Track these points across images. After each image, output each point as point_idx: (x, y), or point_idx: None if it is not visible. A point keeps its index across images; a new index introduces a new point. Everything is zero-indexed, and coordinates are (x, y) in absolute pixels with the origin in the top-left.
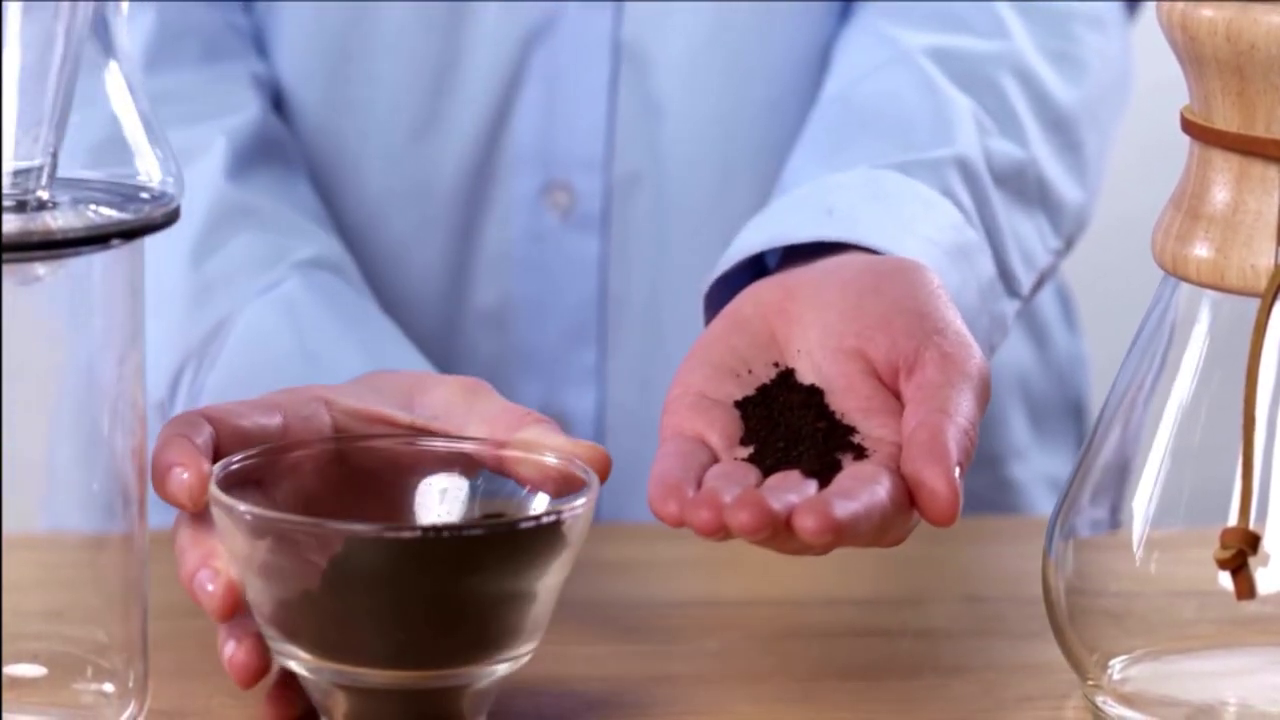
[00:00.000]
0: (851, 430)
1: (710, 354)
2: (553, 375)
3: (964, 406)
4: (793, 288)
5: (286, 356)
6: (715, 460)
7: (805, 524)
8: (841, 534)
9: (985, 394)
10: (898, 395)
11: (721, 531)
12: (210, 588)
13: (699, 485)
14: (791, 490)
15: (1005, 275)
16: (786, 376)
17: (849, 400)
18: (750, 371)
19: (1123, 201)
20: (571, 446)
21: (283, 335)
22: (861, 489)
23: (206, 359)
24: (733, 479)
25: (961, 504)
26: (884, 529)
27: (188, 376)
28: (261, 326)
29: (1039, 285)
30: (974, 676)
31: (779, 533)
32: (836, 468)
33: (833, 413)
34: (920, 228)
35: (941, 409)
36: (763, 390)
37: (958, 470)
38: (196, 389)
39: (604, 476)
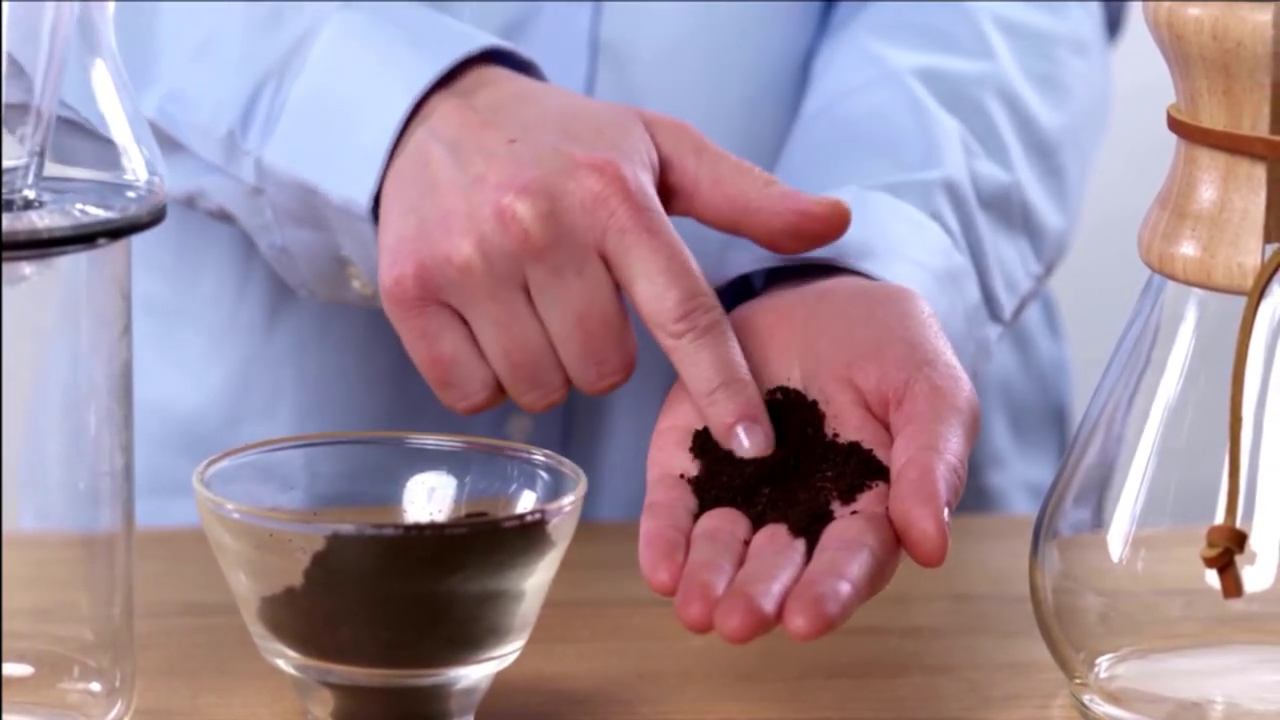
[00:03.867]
0: (827, 455)
1: None
2: None
3: (953, 443)
4: (784, 313)
5: (388, 42)
6: None
7: (798, 625)
8: (834, 626)
9: (975, 428)
10: (887, 426)
11: (711, 629)
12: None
13: (688, 543)
14: (780, 565)
15: (989, 299)
16: (771, 408)
17: (839, 431)
18: None
19: (1104, 205)
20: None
21: (381, 29)
22: (850, 560)
23: (289, 73)
24: (720, 541)
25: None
26: (874, 587)
27: (267, 94)
28: (352, 26)
29: (1020, 310)
30: (960, 675)
31: (770, 625)
32: (826, 518)
33: (821, 439)
34: (910, 251)
35: (931, 445)
36: None
37: (946, 511)
38: (279, 102)
39: (843, 226)
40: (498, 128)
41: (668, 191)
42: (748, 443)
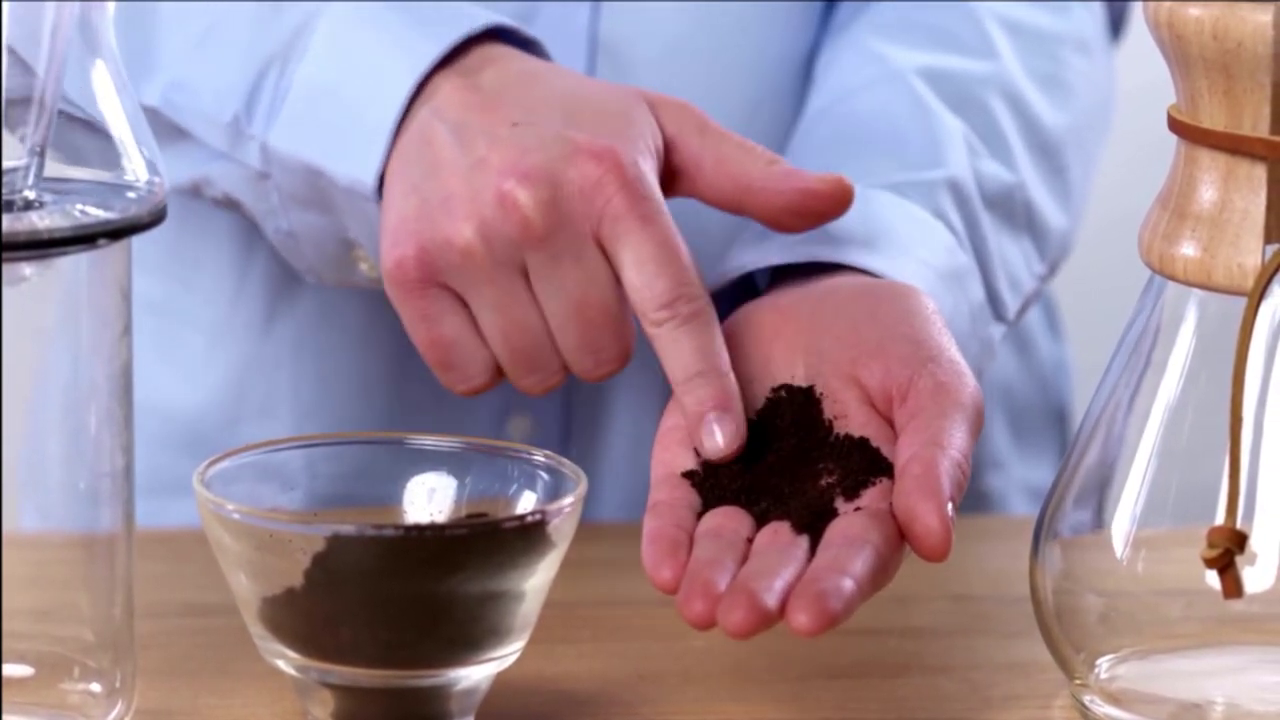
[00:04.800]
0: (832, 450)
1: None
2: None
3: (957, 438)
4: (788, 310)
5: (391, 23)
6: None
7: (801, 622)
8: (837, 622)
9: (978, 423)
10: (892, 422)
11: (713, 625)
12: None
13: (692, 541)
14: (783, 563)
15: (993, 299)
16: (775, 405)
17: (844, 428)
18: (743, 398)
19: (1105, 205)
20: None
21: (384, 10)
22: (853, 556)
23: (292, 57)
24: (723, 539)
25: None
26: (877, 584)
27: (271, 78)
28: (354, 9)
29: (1023, 310)
30: (961, 675)
31: (772, 621)
32: (830, 515)
33: (824, 436)
34: (915, 250)
35: (935, 441)
36: (750, 424)
37: (950, 506)
38: (284, 86)
39: (846, 203)
40: (501, 109)
41: (672, 172)
42: (719, 432)
